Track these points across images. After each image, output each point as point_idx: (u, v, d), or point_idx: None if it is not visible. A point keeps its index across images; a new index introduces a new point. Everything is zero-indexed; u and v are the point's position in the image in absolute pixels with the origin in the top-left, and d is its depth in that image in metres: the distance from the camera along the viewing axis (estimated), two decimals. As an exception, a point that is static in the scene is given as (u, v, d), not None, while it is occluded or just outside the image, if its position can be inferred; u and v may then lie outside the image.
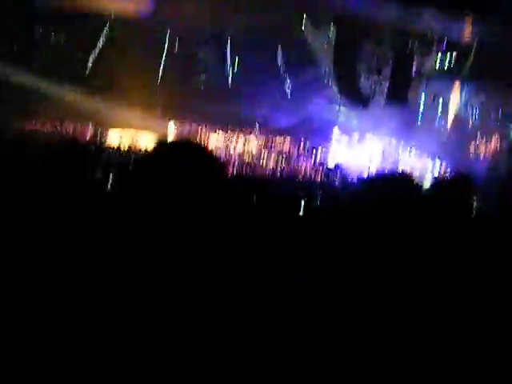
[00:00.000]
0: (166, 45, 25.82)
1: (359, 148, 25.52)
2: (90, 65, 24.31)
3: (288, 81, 27.30)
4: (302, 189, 14.67)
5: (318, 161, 23.86)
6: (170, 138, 21.73)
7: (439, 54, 22.57)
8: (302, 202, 8.41)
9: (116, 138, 23.00)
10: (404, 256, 2.03)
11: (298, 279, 2.08)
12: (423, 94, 23.71)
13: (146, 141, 21.93)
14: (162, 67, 26.07)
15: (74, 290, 1.84)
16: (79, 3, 20.31)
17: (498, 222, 4.55)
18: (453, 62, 22.22)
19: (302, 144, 25.78)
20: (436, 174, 22.97)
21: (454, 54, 22.05)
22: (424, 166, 23.73)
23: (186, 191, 1.88)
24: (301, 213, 7.98)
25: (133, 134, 23.28)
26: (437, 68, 23.10)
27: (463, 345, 2.00)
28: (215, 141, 25.06)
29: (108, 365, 1.74)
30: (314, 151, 25.12)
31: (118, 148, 21.30)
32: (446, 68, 22.84)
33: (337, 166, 22.69)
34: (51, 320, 1.80)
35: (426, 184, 20.40)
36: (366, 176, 20.85)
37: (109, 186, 5.72)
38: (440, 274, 2.10)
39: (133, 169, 2.16)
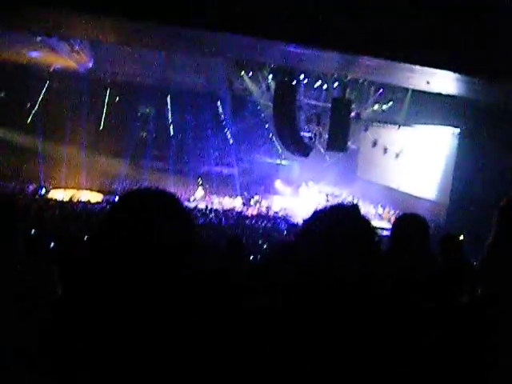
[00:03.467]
0: (107, 98, 25.98)
1: (302, 197, 25.75)
2: (32, 115, 24.57)
3: (229, 135, 27.63)
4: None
5: (262, 211, 23.86)
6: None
7: (376, 102, 23.17)
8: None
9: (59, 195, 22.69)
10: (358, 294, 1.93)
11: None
12: (363, 141, 24.20)
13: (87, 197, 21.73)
14: (103, 120, 26.15)
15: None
16: (21, 59, 20.32)
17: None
18: (389, 108, 22.80)
19: (245, 196, 25.91)
20: (379, 220, 23.23)
21: (390, 101, 22.65)
22: (367, 214, 23.98)
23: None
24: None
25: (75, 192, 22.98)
26: (374, 115, 23.67)
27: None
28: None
29: None
30: (257, 202, 25.19)
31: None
32: (382, 114, 23.41)
33: (282, 216, 22.71)
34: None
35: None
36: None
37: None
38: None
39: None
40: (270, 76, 22.50)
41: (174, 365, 1.72)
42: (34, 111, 24.85)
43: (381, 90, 22.42)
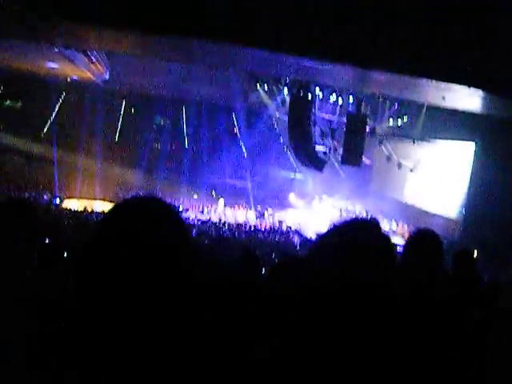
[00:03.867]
0: (122, 109, 26.19)
1: (316, 211, 25.72)
2: (48, 125, 24.83)
3: (243, 148, 27.69)
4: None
5: (275, 224, 23.85)
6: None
7: (391, 117, 23.14)
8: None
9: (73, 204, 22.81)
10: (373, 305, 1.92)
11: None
12: (377, 156, 24.15)
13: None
14: (118, 131, 26.34)
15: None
16: (39, 70, 20.51)
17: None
18: (405, 123, 22.76)
19: (258, 209, 25.93)
20: (393, 236, 23.12)
21: (406, 116, 22.61)
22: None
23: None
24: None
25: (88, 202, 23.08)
26: (389, 130, 23.62)
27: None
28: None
29: None
30: (271, 216, 25.21)
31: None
32: (397, 129, 23.37)
33: (295, 230, 22.67)
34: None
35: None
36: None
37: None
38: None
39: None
40: (286, 89, 22.54)
41: (173, 365, 1.72)
42: (50, 122, 25.06)
43: (396, 105, 22.39)
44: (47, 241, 9.06)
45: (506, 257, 12.16)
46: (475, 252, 14.60)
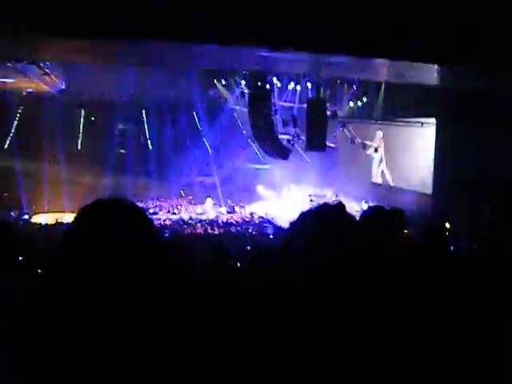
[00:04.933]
0: (82, 118, 25.99)
1: (286, 200, 25.80)
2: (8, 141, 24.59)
3: (208, 145, 27.65)
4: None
5: (247, 217, 23.93)
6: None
7: (351, 99, 23.31)
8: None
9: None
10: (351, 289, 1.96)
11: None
12: (341, 139, 24.26)
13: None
14: (80, 140, 26.14)
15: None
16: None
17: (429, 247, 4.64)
18: (365, 104, 22.95)
19: (228, 204, 25.99)
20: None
21: (365, 97, 22.80)
22: (352, 209, 24.02)
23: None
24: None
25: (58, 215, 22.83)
26: (350, 112, 23.79)
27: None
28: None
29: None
30: (242, 209, 25.30)
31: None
32: (358, 111, 23.55)
33: (267, 220, 22.75)
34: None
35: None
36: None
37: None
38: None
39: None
40: (243, 82, 22.55)
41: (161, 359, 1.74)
42: (10, 137, 24.70)
43: (354, 87, 22.56)
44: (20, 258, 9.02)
45: (475, 229, 12.34)
46: (447, 224, 14.85)
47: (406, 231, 3.95)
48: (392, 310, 2.09)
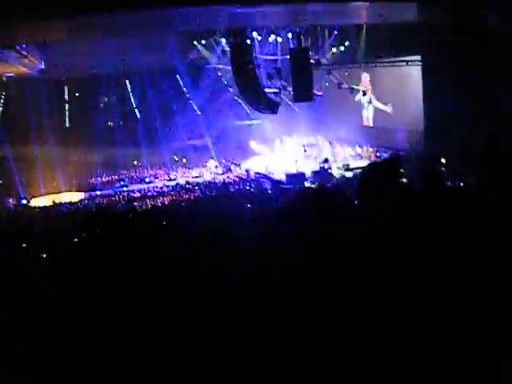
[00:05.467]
0: (66, 96, 25.81)
1: (279, 153, 25.79)
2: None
3: (195, 107, 27.50)
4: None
5: (242, 174, 23.95)
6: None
7: (333, 45, 23.10)
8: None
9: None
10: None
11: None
12: (328, 86, 24.09)
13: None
14: (67, 117, 26.01)
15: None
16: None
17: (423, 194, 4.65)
18: (347, 48, 22.80)
19: (223, 163, 25.97)
20: (360, 159, 23.40)
21: (347, 41, 22.63)
22: (346, 154, 24.12)
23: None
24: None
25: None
26: (334, 59, 23.59)
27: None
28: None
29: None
30: (238, 167, 25.29)
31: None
32: (342, 56, 23.36)
33: (263, 175, 22.73)
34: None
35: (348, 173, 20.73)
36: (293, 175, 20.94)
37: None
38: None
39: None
40: (223, 40, 22.30)
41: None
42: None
43: (335, 33, 22.33)
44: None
45: (464, 165, 12.33)
46: (442, 160, 14.89)
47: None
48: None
